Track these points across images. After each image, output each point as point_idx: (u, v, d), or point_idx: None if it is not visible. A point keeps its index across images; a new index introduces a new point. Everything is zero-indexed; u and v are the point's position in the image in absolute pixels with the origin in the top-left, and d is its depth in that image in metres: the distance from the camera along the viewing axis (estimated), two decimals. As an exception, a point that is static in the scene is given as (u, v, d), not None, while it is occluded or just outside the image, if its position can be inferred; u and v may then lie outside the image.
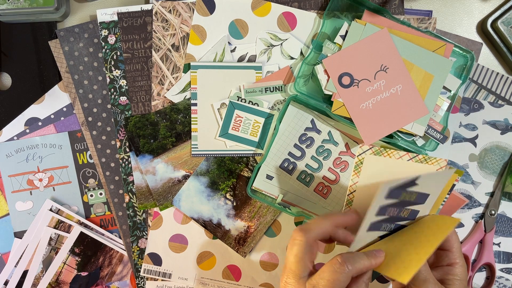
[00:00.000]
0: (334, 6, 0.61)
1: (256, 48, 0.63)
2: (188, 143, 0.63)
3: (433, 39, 0.58)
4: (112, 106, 0.64)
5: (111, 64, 0.64)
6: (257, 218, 0.63)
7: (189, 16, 0.63)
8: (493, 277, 0.64)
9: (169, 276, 0.64)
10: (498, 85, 0.63)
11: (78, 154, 0.65)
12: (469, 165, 0.64)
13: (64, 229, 0.64)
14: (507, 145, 0.64)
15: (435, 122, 0.59)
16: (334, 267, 0.42)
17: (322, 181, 0.61)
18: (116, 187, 0.64)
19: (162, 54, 0.63)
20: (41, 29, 0.64)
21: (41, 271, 0.64)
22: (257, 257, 0.64)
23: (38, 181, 0.65)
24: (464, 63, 0.60)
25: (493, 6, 0.64)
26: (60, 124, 0.65)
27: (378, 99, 0.58)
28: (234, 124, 0.62)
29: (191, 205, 0.63)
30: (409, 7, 0.64)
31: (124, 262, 0.65)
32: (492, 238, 0.63)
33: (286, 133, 0.61)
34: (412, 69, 0.58)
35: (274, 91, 0.62)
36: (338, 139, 0.61)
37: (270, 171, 0.61)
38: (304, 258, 0.44)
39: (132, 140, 0.64)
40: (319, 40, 0.61)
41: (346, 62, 0.58)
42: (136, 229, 0.64)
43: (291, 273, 0.44)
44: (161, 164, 0.63)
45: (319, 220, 0.47)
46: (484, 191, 0.64)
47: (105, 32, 0.63)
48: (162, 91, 0.63)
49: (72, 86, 0.64)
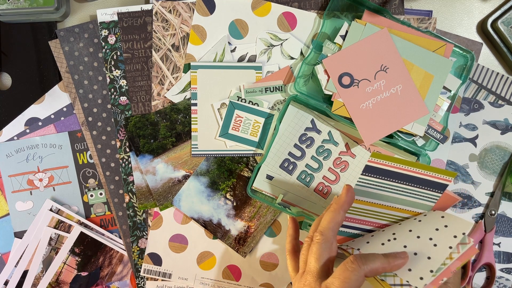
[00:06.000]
0: (334, 6, 0.61)
1: (256, 48, 0.63)
2: (188, 143, 0.63)
3: (433, 39, 0.58)
4: (112, 106, 0.64)
5: (111, 64, 0.64)
6: (257, 218, 0.63)
7: (189, 16, 0.63)
8: (493, 277, 0.64)
9: (169, 276, 0.64)
10: (498, 85, 0.63)
11: (78, 154, 0.65)
12: (469, 165, 0.64)
13: (64, 229, 0.64)
14: (507, 145, 0.64)
15: (435, 122, 0.59)
16: (346, 265, 0.42)
17: (322, 181, 0.61)
18: (116, 187, 0.64)
19: (162, 54, 0.63)
20: (41, 29, 0.64)
21: (41, 271, 0.64)
22: (257, 257, 0.64)
23: (38, 181, 0.65)
24: (464, 63, 0.60)
25: (493, 6, 0.64)
26: (60, 124, 0.65)
27: (378, 99, 0.58)
28: (234, 124, 0.62)
29: (191, 205, 0.63)
30: (409, 7, 0.64)
31: (124, 262, 0.65)
32: (492, 238, 0.63)
33: (286, 133, 0.61)
34: (412, 69, 0.58)
35: (274, 91, 0.62)
36: (338, 139, 0.61)
37: (270, 171, 0.61)
38: (323, 256, 0.44)
39: (132, 140, 0.64)
40: (319, 40, 0.61)
41: (346, 62, 0.58)
42: (136, 229, 0.64)
43: (309, 274, 0.44)
44: (161, 164, 0.63)
45: (330, 214, 0.46)
46: (484, 191, 0.64)
47: (105, 32, 0.63)
48: (162, 91, 0.63)
49: (72, 86, 0.64)
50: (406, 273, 0.42)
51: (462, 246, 0.43)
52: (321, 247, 0.44)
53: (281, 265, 0.64)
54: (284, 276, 0.64)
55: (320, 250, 0.44)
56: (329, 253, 0.44)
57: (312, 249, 0.45)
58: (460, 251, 0.42)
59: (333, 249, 0.45)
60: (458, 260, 0.42)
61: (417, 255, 0.43)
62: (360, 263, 0.41)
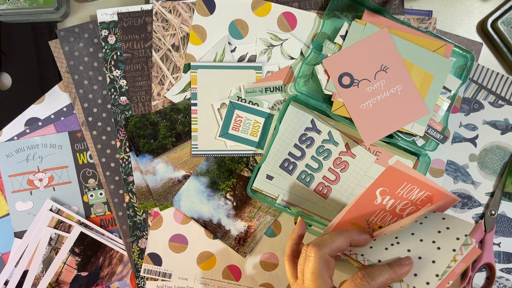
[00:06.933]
0: (334, 6, 0.61)
1: (256, 48, 0.63)
2: (188, 143, 0.63)
3: (433, 39, 0.58)
4: (112, 106, 0.64)
5: (111, 64, 0.64)
6: (257, 218, 0.63)
7: (189, 16, 0.63)
8: (493, 277, 0.64)
9: (169, 276, 0.64)
10: (498, 85, 0.63)
11: (78, 154, 0.65)
12: (469, 165, 0.64)
13: (64, 229, 0.64)
14: (507, 145, 0.64)
15: (435, 122, 0.59)
16: (355, 282, 0.41)
17: (322, 181, 0.61)
18: (116, 187, 0.64)
19: (162, 54, 0.63)
20: (41, 29, 0.64)
21: (41, 271, 0.64)
22: (257, 257, 0.64)
23: (38, 181, 0.65)
24: (464, 63, 0.60)
25: (493, 6, 0.64)
26: (60, 124, 0.65)
27: (378, 99, 0.58)
28: (234, 124, 0.62)
29: (191, 205, 0.63)
30: (409, 7, 0.64)
31: (124, 262, 0.65)
32: (492, 238, 0.63)
33: (286, 133, 0.61)
34: (412, 69, 0.58)
35: (274, 91, 0.62)
36: (338, 139, 0.61)
37: (270, 171, 0.61)
38: (322, 274, 0.43)
39: (132, 140, 0.64)
40: (319, 40, 0.61)
41: (346, 62, 0.58)
42: (136, 229, 0.64)
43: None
44: (161, 164, 0.63)
45: (335, 237, 0.45)
46: (484, 191, 0.64)
47: (105, 32, 0.63)
48: (162, 91, 0.63)
49: (72, 86, 0.64)
50: (412, 279, 0.42)
51: (465, 247, 0.43)
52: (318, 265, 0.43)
53: (281, 265, 0.64)
54: (284, 276, 0.64)
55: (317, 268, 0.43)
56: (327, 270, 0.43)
57: (308, 265, 0.44)
58: (464, 252, 0.42)
59: (331, 267, 0.44)
60: (462, 262, 0.42)
61: (422, 259, 0.43)
62: (368, 280, 0.41)
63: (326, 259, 0.43)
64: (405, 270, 0.42)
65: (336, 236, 0.45)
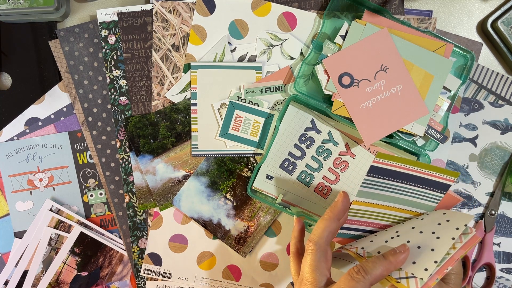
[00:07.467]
0: (334, 6, 0.61)
1: (256, 48, 0.63)
2: (188, 143, 0.63)
3: (433, 39, 0.58)
4: (112, 106, 0.64)
5: (111, 64, 0.64)
6: (257, 218, 0.63)
7: (189, 16, 0.63)
8: (493, 277, 0.64)
9: (169, 276, 0.64)
10: (498, 85, 0.63)
11: (78, 154, 0.65)
12: (469, 165, 0.64)
13: (64, 229, 0.64)
14: (507, 145, 0.64)
15: (435, 122, 0.59)
16: (352, 275, 0.42)
17: (322, 181, 0.61)
18: (116, 187, 0.64)
19: (162, 54, 0.63)
20: (41, 29, 0.64)
21: (41, 271, 0.64)
22: (257, 257, 0.64)
23: (38, 181, 0.65)
24: (464, 63, 0.60)
25: (493, 6, 0.64)
26: (60, 124, 0.65)
27: (378, 99, 0.58)
28: (234, 124, 0.62)
29: (191, 205, 0.63)
30: (409, 7, 0.64)
31: (124, 262, 0.65)
32: (492, 238, 0.63)
33: (286, 133, 0.61)
34: (412, 69, 0.58)
35: (274, 91, 0.62)
36: (338, 139, 0.61)
37: (270, 171, 0.61)
38: (319, 266, 0.44)
39: (132, 140, 0.64)
40: (319, 40, 0.61)
41: (346, 62, 0.58)
42: (136, 229, 0.64)
43: (308, 284, 0.43)
44: (161, 164, 0.63)
45: (324, 223, 0.46)
46: (484, 191, 0.64)
47: (105, 32, 0.63)
48: (162, 91, 0.63)
49: (72, 86, 0.64)
50: (411, 266, 0.42)
51: (464, 236, 0.43)
52: (315, 257, 0.44)
53: (281, 265, 0.64)
54: (284, 276, 0.64)
55: (314, 260, 0.44)
56: (324, 261, 0.44)
57: (306, 259, 0.45)
58: (463, 240, 0.43)
59: (328, 258, 0.45)
60: (461, 249, 0.42)
61: (421, 248, 0.43)
62: (363, 273, 0.41)
63: (323, 250, 0.44)
64: (401, 258, 0.43)
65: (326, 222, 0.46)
